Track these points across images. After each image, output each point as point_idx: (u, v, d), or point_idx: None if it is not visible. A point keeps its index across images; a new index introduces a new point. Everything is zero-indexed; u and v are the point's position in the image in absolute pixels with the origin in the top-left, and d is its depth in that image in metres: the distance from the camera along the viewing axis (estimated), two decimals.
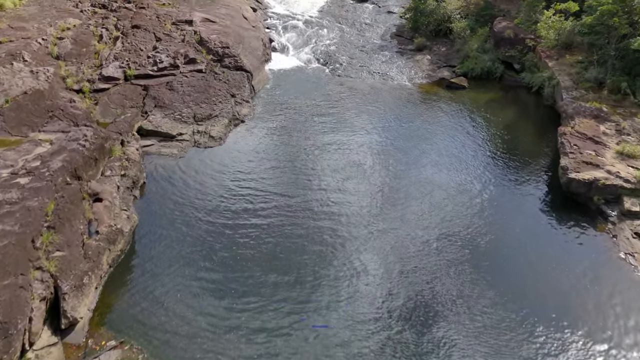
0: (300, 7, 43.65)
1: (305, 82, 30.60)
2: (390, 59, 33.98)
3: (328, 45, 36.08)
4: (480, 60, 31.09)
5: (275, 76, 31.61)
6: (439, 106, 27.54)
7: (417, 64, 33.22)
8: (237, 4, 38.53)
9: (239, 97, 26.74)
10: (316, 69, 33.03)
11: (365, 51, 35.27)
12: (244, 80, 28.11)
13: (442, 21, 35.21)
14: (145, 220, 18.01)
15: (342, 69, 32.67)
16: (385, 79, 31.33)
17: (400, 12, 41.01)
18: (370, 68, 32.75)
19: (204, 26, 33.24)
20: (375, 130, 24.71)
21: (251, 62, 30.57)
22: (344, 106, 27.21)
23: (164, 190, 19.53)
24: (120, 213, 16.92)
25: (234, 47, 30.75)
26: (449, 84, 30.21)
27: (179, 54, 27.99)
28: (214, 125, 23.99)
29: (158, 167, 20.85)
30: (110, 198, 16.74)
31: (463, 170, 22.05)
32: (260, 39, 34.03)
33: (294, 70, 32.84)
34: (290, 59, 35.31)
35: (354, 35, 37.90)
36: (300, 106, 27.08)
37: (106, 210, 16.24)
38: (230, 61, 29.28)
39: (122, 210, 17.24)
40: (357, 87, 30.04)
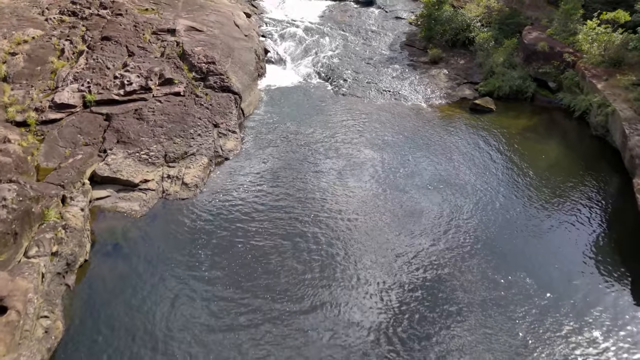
0: (299, 12, 37.48)
1: (304, 104, 24.58)
2: (401, 73, 27.89)
3: (330, 57, 29.98)
4: (508, 77, 25.04)
5: (269, 95, 25.57)
6: (464, 137, 21.52)
7: (432, 79, 27.15)
8: (229, 10, 32.38)
9: (224, 127, 20.73)
10: (317, 86, 26.98)
11: (373, 64, 29.18)
12: (231, 104, 22.09)
13: (460, 30, 29.10)
14: (78, 328, 12.06)
15: (347, 86, 26.62)
16: (397, 98, 25.29)
17: (409, 18, 34.84)
18: (379, 85, 26.69)
19: (188, 36, 27.17)
20: (390, 177, 18.68)
21: (241, 80, 24.54)
22: (349, 137, 21.20)
23: (112, 273, 13.55)
24: (35, 328, 10.99)
25: (222, 61, 24.71)
26: (473, 106, 24.17)
27: (152, 73, 21.94)
28: (189, 167, 18.00)
29: (109, 233, 14.89)
30: (21, 306, 10.81)
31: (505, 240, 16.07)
32: (253, 51, 27.95)
33: (291, 87, 26.79)
34: (288, 72, 29.25)
35: (360, 45, 31.78)
36: (297, 137, 21.08)
37: (7, 332, 10.30)
38: (216, 80, 23.25)
39: (40, 317, 11.32)
40: (365, 110, 24.02)
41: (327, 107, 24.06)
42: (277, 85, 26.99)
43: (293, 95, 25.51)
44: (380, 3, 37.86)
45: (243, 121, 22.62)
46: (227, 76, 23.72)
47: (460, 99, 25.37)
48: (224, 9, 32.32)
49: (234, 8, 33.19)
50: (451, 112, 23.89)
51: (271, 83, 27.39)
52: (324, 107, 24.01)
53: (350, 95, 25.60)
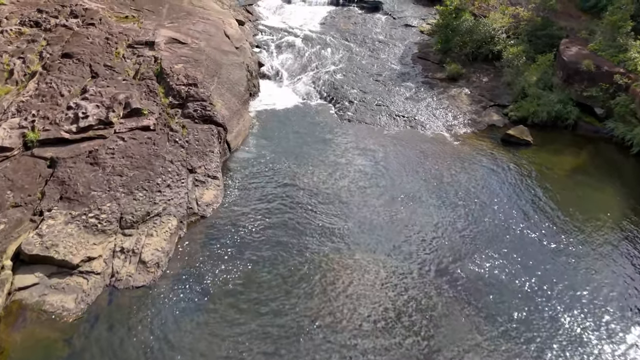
0: (298, 19, 32.23)
1: (302, 134, 19.51)
2: (416, 93, 22.74)
3: (333, 73, 24.82)
4: (545, 100, 19.95)
5: (262, 121, 20.48)
6: (501, 183, 16.47)
7: (453, 101, 22.01)
8: (219, 18, 27.12)
9: (202, 172, 15.68)
10: (318, 109, 21.87)
11: (382, 81, 24.02)
12: (213, 139, 17.02)
13: (482, 42, 23.89)
14: None
15: (353, 109, 21.51)
16: (413, 126, 20.18)
17: (421, 26, 29.58)
18: (391, 108, 21.56)
19: (169, 50, 22.02)
20: (414, 248, 13.64)
21: (228, 105, 19.46)
22: (359, 185, 16.18)
23: None
24: None
25: (205, 83, 19.61)
26: (506, 137, 19.08)
27: (116, 102, 16.85)
28: (151, 235, 12.97)
29: (23, 354, 9.86)
30: None
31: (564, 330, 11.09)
32: (244, 67, 22.81)
33: (288, 110, 21.68)
34: (284, 91, 24.12)
35: (366, 58, 26.58)
36: (294, 183, 16.05)
37: None
38: (197, 108, 18.15)
39: None
40: (376, 142, 18.93)
41: (330, 138, 18.97)
42: (271, 107, 21.88)
43: (290, 122, 20.41)
44: (387, 9, 32.60)
45: (228, 158, 17.56)
46: (211, 102, 18.60)
47: (488, 126, 20.26)
48: (213, 16, 27.07)
49: (225, 15, 27.94)
50: (480, 144, 18.78)
51: (265, 104, 22.28)
52: (326, 139, 18.91)
53: (357, 122, 20.50)
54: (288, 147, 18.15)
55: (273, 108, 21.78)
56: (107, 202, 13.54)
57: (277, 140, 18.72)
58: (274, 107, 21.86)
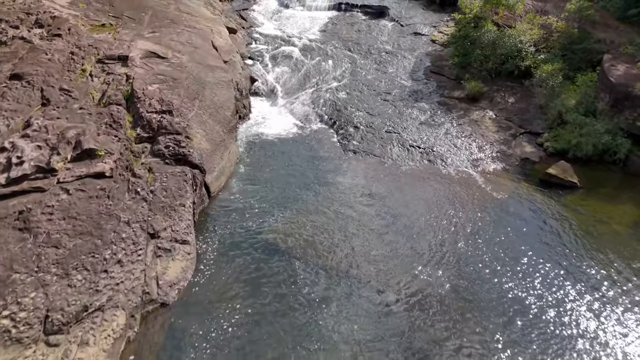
0: (296, 25, 27.97)
1: (299, 171, 15.38)
2: (431, 117, 18.56)
3: (335, 90, 20.61)
4: (589, 130, 15.80)
5: (251, 153, 16.34)
6: (544, 245, 12.39)
7: (476, 127, 17.83)
8: (208, 26, 22.87)
9: (167, 236, 11.57)
10: (318, 136, 17.72)
11: (391, 101, 19.82)
12: (186, 188, 12.88)
13: (507, 57, 19.64)
14: None
15: (359, 136, 17.35)
16: (431, 160, 16.03)
17: (432, 35, 25.32)
18: (404, 135, 17.39)
19: (145, 66, 17.86)
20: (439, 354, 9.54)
21: (210, 136, 15.35)
22: (367, 250, 12.08)
23: None
24: None
25: (184, 108, 15.50)
26: (546, 177, 14.94)
27: (64, 140, 12.73)
28: (86, 343, 8.95)
29: None
30: None
31: None
32: (232, 85, 18.64)
33: (283, 137, 17.54)
34: (280, 112, 19.96)
35: (372, 72, 22.36)
36: (286, 245, 11.95)
37: None
38: (169, 143, 14.02)
39: None
40: (388, 183, 14.81)
41: (333, 178, 14.83)
42: (264, 133, 17.72)
43: (285, 153, 16.28)
44: (394, 15, 28.30)
45: (206, 207, 13.42)
46: (188, 135, 14.45)
47: (521, 160, 16.11)
48: (201, 24, 22.79)
49: (215, 23, 23.66)
50: (515, 187, 14.64)
51: (256, 129, 18.14)
52: (327, 179, 14.78)
53: (365, 154, 16.34)
54: (281, 191, 14.03)
55: (266, 134, 17.62)
56: (31, 290, 9.45)
57: (269, 181, 14.60)
58: (266, 133, 17.70)
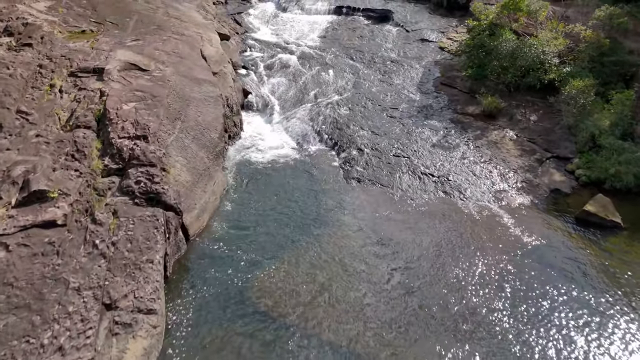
0: (294, 31, 25.29)
1: (295, 205, 12.78)
2: (445, 137, 15.95)
3: (337, 105, 17.99)
4: (629, 157, 13.25)
5: (240, 182, 13.74)
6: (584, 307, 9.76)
7: (496, 150, 15.21)
8: (197, 33, 20.22)
9: (128, 305, 8.97)
10: (317, 160, 15.11)
11: (399, 118, 17.20)
12: (156, 237, 10.28)
13: (529, 69, 16.99)
14: None
15: (364, 161, 14.73)
16: (447, 192, 13.42)
17: (441, 41, 22.65)
18: (414, 160, 14.77)
19: (122, 80, 15.28)
20: None
21: (192, 165, 12.78)
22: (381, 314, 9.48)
23: None
24: None
25: (162, 132, 12.92)
26: (582, 215, 12.34)
27: (8, 180, 10.14)
28: None
29: None
30: None
31: None
32: (221, 101, 16.07)
33: (277, 162, 14.93)
34: (275, 130, 17.37)
35: (376, 83, 19.72)
36: (277, 310, 9.35)
37: None
38: (141, 177, 11.43)
39: None
40: (398, 223, 12.23)
41: (334, 216, 12.24)
42: (256, 157, 15.12)
43: (279, 182, 13.69)
44: (399, 19, 25.60)
45: (183, 256, 10.81)
46: (163, 166, 11.85)
47: (551, 192, 13.51)
48: (191, 30, 20.11)
49: (206, 29, 20.97)
50: (546, 227, 12.05)
51: (248, 151, 15.54)
52: (327, 218, 12.18)
53: (371, 183, 13.73)
54: (273, 235, 11.45)
55: (258, 158, 15.02)
56: None
57: (259, 220, 12.01)
58: (259, 157, 15.10)
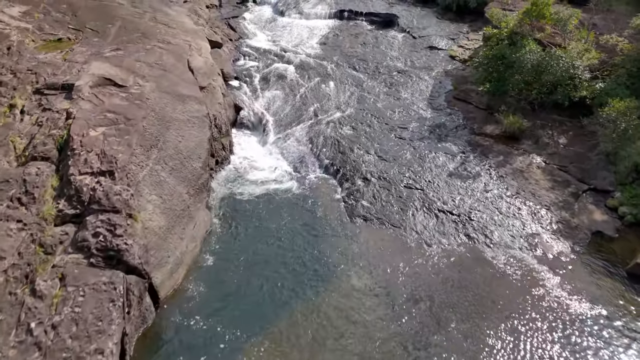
0: (293, 37, 22.71)
1: (289, 254, 10.25)
2: (463, 164, 13.42)
3: (339, 124, 15.48)
4: None
5: (225, 222, 11.25)
6: None
7: (523, 181, 12.68)
8: (186, 40, 17.66)
9: None
10: (317, 192, 12.61)
11: (409, 139, 14.68)
12: (110, 316, 7.77)
13: (556, 84, 14.44)
14: None
15: (370, 194, 12.23)
16: (470, 235, 10.91)
17: (451, 49, 20.08)
18: (429, 193, 12.24)
19: (94, 98, 12.82)
20: None
21: (167, 205, 10.29)
22: None
23: None
24: None
25: (133, 165, 10.43)
26: (635, 270, 9.77)
27: None
28: None
29: None
30: None
31: None
32: (207, 122, 13.57)
33: (271, 195, 12.42)
34: (269, 152, 14.87)
35: (382, 97, 17.19)
36: None
37: None
38: (100, 227, 8.90)
39: None
40: (414, 281, 9.74)
41: (335, 269, 9.77)
42: (245, 188, 12.63)
43: (271, 224, 11.20)
44: (404, 24, 23.00)
45: (148, 328, 8.30)
46: (131, 211, 9.37)
47: (592, 235, 11.01)
48: (178, 38, 17.53)
49: (195, 36, 18.38)
50: (592, 284, 9.59)
51: (236, 181, 13.04)
52: (328, 272, 9.71)
53: (379, 222, 11.24)
54: (260, 301, 8.95)
55: (249, 190, 12.53)
56: None
57: (246, 277, 9.55)
58: (250, 189, 12.60)
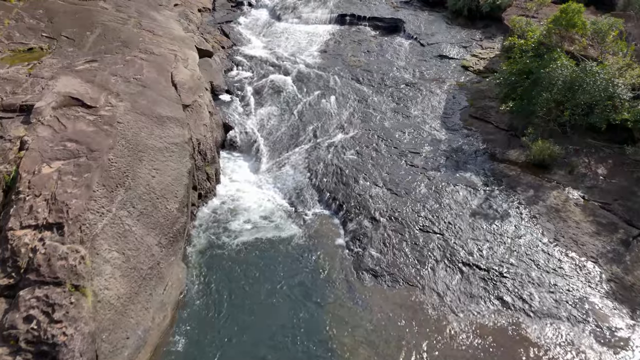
0: (290, 44, 20.25)
1: (282, 330, 7.81)
2: (487, 201, 10.98)
3: (341, 148, 13.04)
4: None
5: (204, 279, 8.82)
6: None
7: (560, 222, 10.25)
8: (172, 49, 15.17)
9: None
10: (316, 235, 10.18)
11: (422, 167, 12.24)
12: None
13: (592, 105, 11.98)
14: None
15: (380, 239, 9.78)
16: (503, 300, 8.50)
17: (464, 59, 17.63)
18: (450, 239, 9.80)
19: (56, 123, 10.37)
20: None
21: (130, 266, 7.85)
22: None
23: None
24: None
25: (90, 213, 7.94)
26: None
27: None
28: None
29: None
30: None
31: None
32: (189, 149, 11.09)
33: (261, 242, 9.94)
34: (260, 182, 12.44)
35: (389, 114, 14.77)
36: None
37: None
38: (35, 309, 6.58)
39: None
40: None
41: (342, 354, 7.25)
42: (231, 234, 10.25)
43: (261, 285, 8.76)
44: (411, 30, 20.52)
45: None
46: (78, 282, 6.90)
47: None
48: (163, 46, 15.06)
49: (183, 44, 15.91)
50: None
51: (221, 222, 10.67)
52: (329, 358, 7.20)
53: (391, 279, 8.87)
54: None
55: (235, 233, 10.12)
56: None
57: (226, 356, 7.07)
58: (236, 232, 10.19)
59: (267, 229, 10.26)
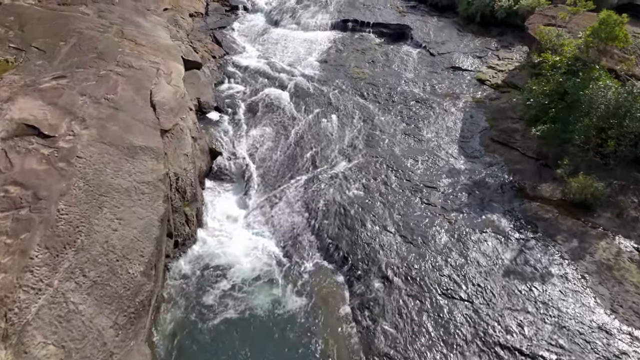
0: (288, 53, 17.86)
1: None
2: (522, 254, 8.65)
3: (344, 179, 10.67)
4: None
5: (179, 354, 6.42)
6: None
7: (614, 285, 7.93)
8: (154, 61, 12.69)
9: None
10: (315, 299, 7.87)
11: (441, 208, 9.87)
12: None
13: None
14: None
15: (394, 309, 7.47)
16: None
17: (479, 72, 15.27)
18: (481, 312, 7.49)
19: (2, 160, 7.81)
20: None
21: (72, 359, 5.36)
22: None
23: None
24: None
25: (20, 294, 5.47)
26: None
27: None
28: None
29: None
30: None
31: None
32: (164, 189, 8.68)
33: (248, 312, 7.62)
34: (249, 225, 10.05)
35: (399, 137, 12.40)
36: None
37: None
38: None
39: None
40: None
41: None
42: (210, 300, 7.85)
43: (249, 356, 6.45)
44: (419, 38, 18.12)
45: None
46: None
47: None
48: (145, 58, 12.63)
49: (168, 55, 13.47)
50: None
51: (201, 279, 8.23)
52: None
53: None
54: None
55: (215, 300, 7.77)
56: None
57: None
58: (217, 297, 7.84)
59: (255, 294, 7.98)
